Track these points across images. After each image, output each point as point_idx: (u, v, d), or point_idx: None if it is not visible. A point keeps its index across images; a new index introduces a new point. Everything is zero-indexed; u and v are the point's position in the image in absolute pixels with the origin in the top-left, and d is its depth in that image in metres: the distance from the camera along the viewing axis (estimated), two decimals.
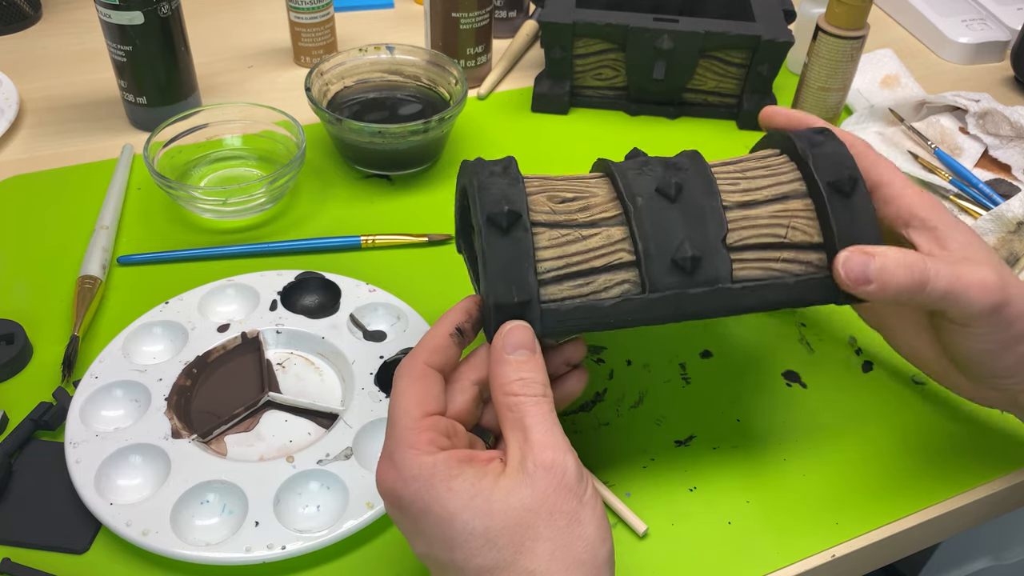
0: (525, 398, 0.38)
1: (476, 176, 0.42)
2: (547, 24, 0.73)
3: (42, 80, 0.80)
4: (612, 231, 0.42)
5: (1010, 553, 0.82)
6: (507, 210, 0.40)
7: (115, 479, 0.46)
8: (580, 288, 0.41)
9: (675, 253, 0.41)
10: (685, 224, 0.42)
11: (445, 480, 0.36)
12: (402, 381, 0.39)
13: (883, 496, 0.49)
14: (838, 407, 0.54)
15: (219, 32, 0.88)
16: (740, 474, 0.50)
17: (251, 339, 0.54)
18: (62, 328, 0.56)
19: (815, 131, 0.45)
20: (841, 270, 0.41)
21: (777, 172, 0.44)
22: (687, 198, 0.42)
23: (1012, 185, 0.72)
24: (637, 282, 0.42)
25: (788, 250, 0.43)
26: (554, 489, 0.35)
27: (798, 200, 0.43)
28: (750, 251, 0.42)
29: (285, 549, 0.43)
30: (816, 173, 0.43)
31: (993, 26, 0.93)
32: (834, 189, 0.42)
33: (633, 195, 0.42)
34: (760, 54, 0.73)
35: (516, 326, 0.40)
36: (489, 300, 0.40)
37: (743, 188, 0.43)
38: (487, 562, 0.35)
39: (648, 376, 0.55)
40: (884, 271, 0.41)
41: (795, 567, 0.46)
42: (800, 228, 0.43)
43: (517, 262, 0.40)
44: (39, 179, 0.68)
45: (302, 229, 0.65)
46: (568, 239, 0.41)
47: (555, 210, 0.42)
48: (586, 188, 0.43)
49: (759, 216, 0.43)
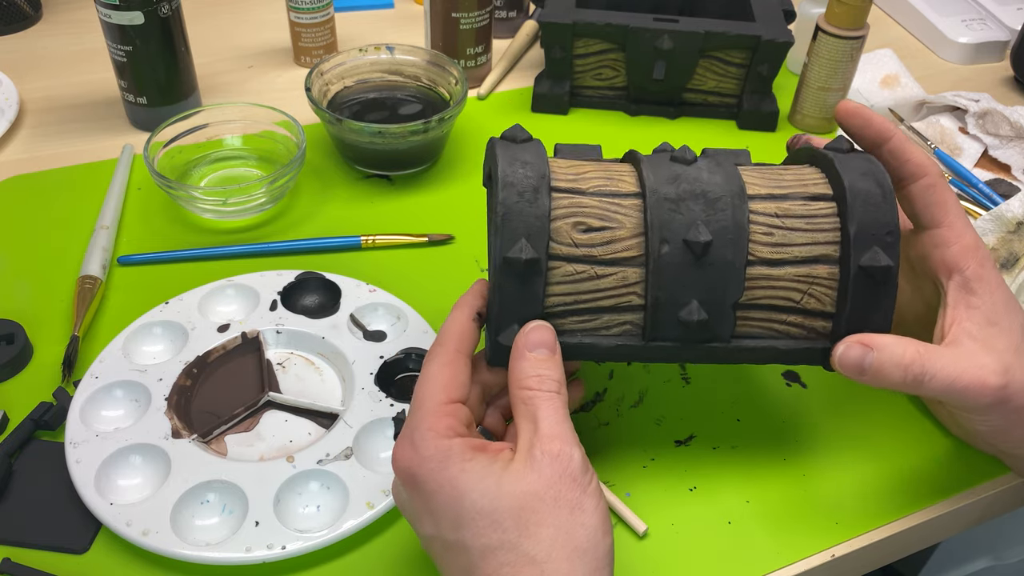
0: (540, 392, 0.39)
1: (503, 196, 0.40)
2: (547, 24, 0.73)
3: (42, 80, 0.80)
4: (628, 272, 0.41)
5: (1010, 553, 0.82)
6: (525, 259, 0.39)
7: (115, 479, 0.46)
8: (583, 323, 0.42)
9: (684, 312, 0.41)
10: (703, 284, 0.41)
11: (459, 462, 0.37)
12: (432, 366, 0.40)
13: (883, 496, 0.49)
14: (838, 407, 0.54)
15: (219, 32, 0.88)
16: (740, 474, 0.50)
17: (251, 339, 0.54)
18: (62, 328, 0.56)
19: (877, 183, 0.41)
20: (838, 361, 0.42)
21: (817, 227, 0.42)
22: (714, 254, 0.40)
23: (1012, 185, 0.72)
24: (639, 326, 0.42)
25: (797, 315, 0.42)
26: (559, 476, 0.36)
27: (825, 266, 0.42)
28: (758, 311, 0.42)
29: (285, 549, 0.43)
30: (853, 249, 0.40)
31: (993, 26, 0.93)
32: (866, 274, 0.41)
33: (661, 239, 0.40)
34: (760, 54, 0.73)
35: (538, 326, 0.40)
36: (491, 334, 0.41)
37: (776, 242, 0.41)
38: (492, 542, 0.36)
39: (648, 376, 0.55)
40: (880, 367, 0.41)
41: (795, 567, 0.46)
42: (817, 296, 0.42)
43: (526, 303, 0.40)
44: (39, 179, 0.68)
45: (302, 229, 0.65)
46: (583, 276, 0.41)
47: (576, 242, 0.40)
48: (616, 212, 0.41)
49: (780, 277, 0.41)
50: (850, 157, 0.43)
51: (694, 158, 0.43)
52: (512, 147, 0.42)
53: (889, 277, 0.41)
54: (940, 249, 0.44)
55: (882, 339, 0.41)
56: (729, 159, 0.45)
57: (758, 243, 0.41)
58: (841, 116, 0.46)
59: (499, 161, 0.41)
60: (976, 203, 0.69)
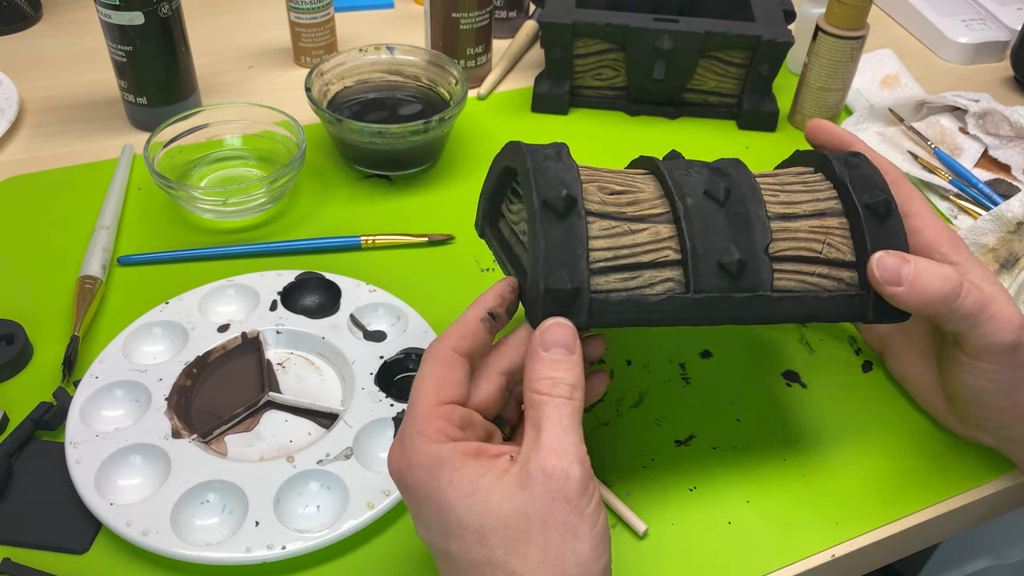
0: (548, 398, 0.37)
1: (531, 158, 0.41)
2: (547, 24, 0.73)
3: (42, 80, 0.80)
4: (660, 228, 0.42)
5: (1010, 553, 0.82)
6: (565, 194, 0.39)
7: (115, 479, 0.46)
8: (627, 282, 0.41)
9: (722, 256, 0.41)
10: (732, 229, 0.42)
11: (448, 472, 0.36)
12: (426, 365, 0.39)
13: (883, 496, 0.49)
14: (838, 407, 0.54)
15: (219, 32, 0.88)
16: (740, 474, 0.50)
17: (251, 339, 0.54)
18: (62, 328, 0.56)
19: (850, 154, 0.46)
20: (875, 268, 0.42)
21: (814, 189, 0.45)
22: (735, 203, 0.43)
23: (1012, 185, 0.72)
24: (682, 281, 0.42)
25: (823, 265, 0.43)
26: (552, 498, 0.35)
27: (834, 218, 0.44)
28: (789, 263, 0.43)
29: (285, 549, 0.43)
30: (854, 194, 0.44)
31: (993, 26, 0.93)
32: (871, 211, 0.43)
33: (683, 194, 0.42)
34: (760, 54, 0.73)
35: (556, 323, 0.39)
36: (540, 284, 0.39)
37: (783, 200, 0.44)
38: (479, 557, 0.35)
39: (648, 376, 0.55)
40: (918, 276, 0.41)
41: (795, 567, 0.46)
42: (835, 245, 0.44)
43: (571, 248, 0.40)
44: (39, 179, 0.68)
45: (302, 229, 0.65)
46: (618, 231, 0.41)
47: (605, 201, 0.42)
48: (633, 183, 0.43)
49: (798, 229, 0.43)
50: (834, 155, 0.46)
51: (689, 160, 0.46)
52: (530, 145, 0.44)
53: (892, 210, 0.43)
54: (914, 236, 0.45)
55: (915, 257, 0.42)
56: None
57: (769, 202, 0.44)
58: (810, 132, 0.50)
59: (518, 145, 0.43)
60: (976, 203, 0.69)
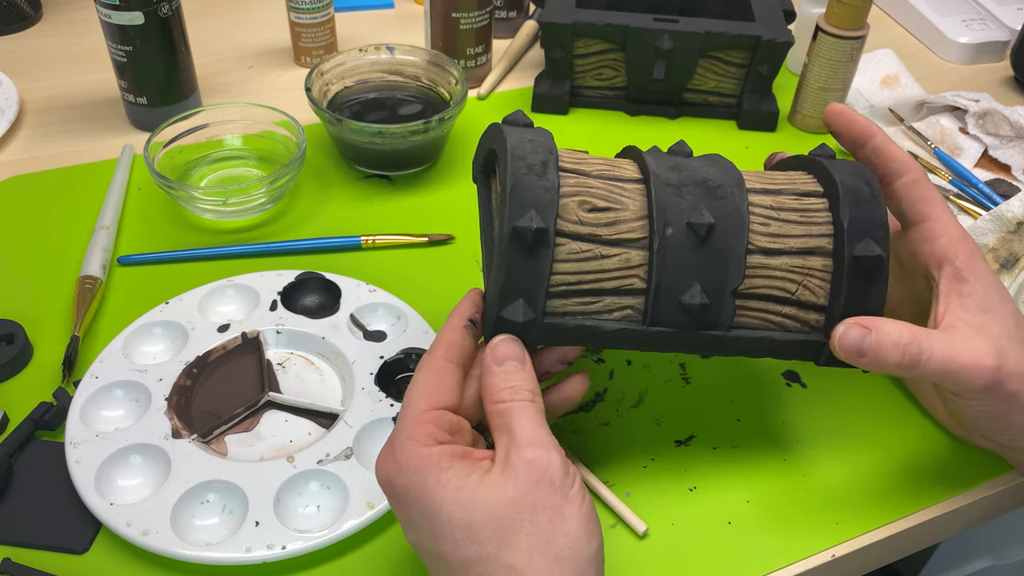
0: (513, 403, 0.38)
1: (512, 168, 0.40)
2: (547, 24, 0.73)
3: (42, 80, 0.80)
4: (632, 255, 0.41)
5: (1010, 553, 0.82)
6: (535, 228, 0.39)
7: (115, 479, 0.46)
8: (585, 306, 0.41)
9: (685, 296, 0.41)
10: (705, 269, 0.41)
11: (436, 472, 0.36)
12: (419, 373, 0.40)
13: (883, 496, 0.49)
14: (838, 407, 0.54)
15: (219, 32, 0.88)
16: (740, 474, 0.50)
17: (251, 339, 0.54)
18: (62, 328, 0.56)
19: (864, 181, 0.43)
20: (837, 343, 0.42)
21: (810, 220, 0.43)
22: (716, 239, 0.41)
23: (1012, 185, 0.72)
24: (640, 310, 0.42)
25: (791, 306, 0.43)
26: (536, 482, 0.36)
27: (819, 259, 0.43)
28: (757, 300, 0.42)
29: (285, 549, 0.43)
30: (847, 242, 0.42)
31: (993, 26, 0.93)
32: (858, 264, 0.42)
33: (664, 222, 0.41)
34: (760, 54, 0.73)
35: (505, 339, 0.40)
36: (494, 312, 0.40)
37: (772, 232, 0.42)
38: (470, 555, 0.35)
39: (648, 376, 0.55)
40: (879, 348, 0.41)
41: (795, 567, 0.46)
42: (811, 288, 0.43)
43: (532, 279, 0.40)
44: (39, 179, 0.68)
45: (302, 229, 0.65)
46: (588, 255, 0.41)
47: (583, 220, 0.41)
48: (620, 195, 0.42)
49: (777, 267, 0.42)
50: (837, 161, 0.45)
51: (690, 152, 0.45)
52: (517, 127, 0.43)
53: (882, 267, 0.42)
54: (929, 243, 0.45)
55: (880, 321, 0.42)
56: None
57: (756, 232, 0.42)
58: (828, 116, 0.48)
59: (507, 136, 0.41)
60: (976, 203, 0.69)
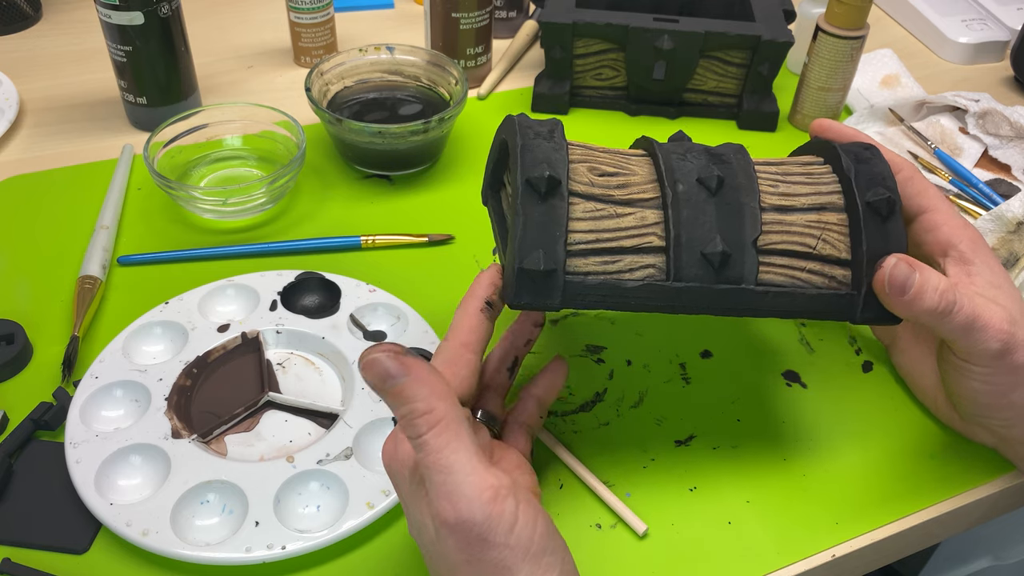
0: (413, 442, 0.35)
1: (521, 135, 0.41)
2: (547, 24, 0.73)
3: (42, 80, 0.80)
4: (647, 213, 0.42)
5: (1010, 553, 0.82)
6: (547, 175, 0.39)
7: (115, 479, 0.46)
8: (606, 265, 0.41)
9: (705, 247, 0.41)
10: (721, 219, 0.42)
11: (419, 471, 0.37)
12: (434, 362, 0.40)
13: (883, 496, 0.49)
14: (838, 407, 0.54)
15: (219, 32, 0.88)
16: (740, 474, 0.50)
17: (251, 339, 0.54)
18: (62, 328, 0.56)
19: (862, 147, 0.45)
20: (888, 274, 0.42)
21: (818, 181, 0.44)
22: (727, 192, 0.42)
23: (1012, 185, 0.72)
24: (663, 268, 0.41)
25: (815, 261, 0.43)
26: (467, 544, 0.35)
27: (834, 213, 0.43)
28: (778, 256, 0.43)
29: (285, 549, 0.43)
30: (856, 190, 0.43)
31: (993, 26, 0.93)
32: (872, 209, 0.42)
33: (674, 180, 0.42)
34: (760, 54, 0.73)
35: (369, 360, 0.34)
36: (515, 263, 0.39)
37: (782, 192, 0.43)
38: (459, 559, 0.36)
39: (648, 376, 0.55)
40: (922, 289, 0.41)
41: (795, 567, 0.46)
42: (831, 242, 0.43)
43: (549, 229, 0.40)
44: (39, 179, 0.68)
45: (302, 229, 0.65)
46: (603, 214, 0.41)
47: (594, 182, 0.42)
48: (627, 164, 0.43)
49: (793, 223, 0.43)
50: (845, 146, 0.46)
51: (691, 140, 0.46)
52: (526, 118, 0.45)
53: (895, 209, 0.43)
54: (932, 232, 0.45)
55: (922, 264, 0.42)
56: None
57: (767, 192, 0.43)
58: (815, 133, 0.49)
59: (514, 119, 0.43)
60: (976, 203, 0.69)
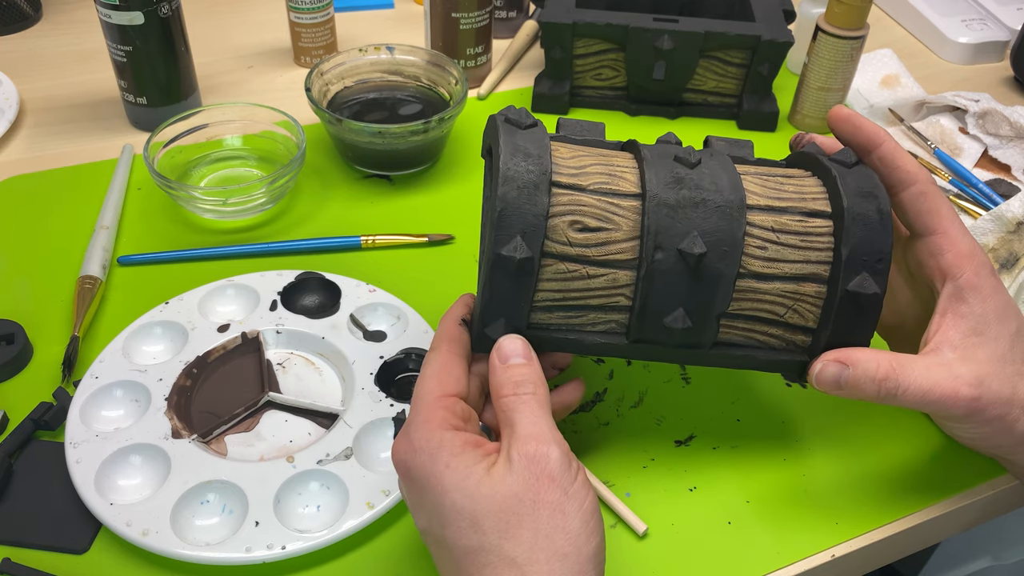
0: (515, 397, 0.39)
1: (504, 191, 0.39)
2: (547, 24, 0.73)
3: (42, 80, 0.80)
4: (620, 275, 0.41)
5: (1010, 553, 0.82)
6: (519, 259, 0.39)
7: (115, 479, 0.46)
8: (569, 319, 0.42)
9: (669, 319, 0.41)
10: (692, 294, 0.41)
11: (447, 456, 0.37)
12: (427, 366, 0.41)
13: (883, 496, 0.49)
14: (838, 407, 0.54)
15: (219, 32, 0.88)
16: (740, 474, 0.50)
17: (251, 339, 0.54)
18: (62, 328, 0.56)
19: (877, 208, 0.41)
20: (814, 379, 0.42)
21: (811, 246, 0.42)
22: (706, 266, 0.40)
23: (1012, 185, 0.72)
24: (624, 324, 0.42)
25: (779, 327, 0.43)
26: (536, 478, 0.36)
27: (814, 285, 0.42)
28: (742, 321, 0.42)
29: (285, 549, 0.43)
30: (843, 274, 0.41)
31: (993, 26, 0.93)
32: (852, 300, 0.41)
33: (656, 245, 0.40)
34: (760, 54, 0.73)
35: (509, 338, 0.41)
36: (477, 327, 0.42)
37: (768, 257, 0.41)
38: (472, 543, 0.36)
39: (648, 376, 0.55)
40: (856, 383, 0.42)
41: (795, 567, 0.46)
42: (801, 312, 0.42)
43: (515, 303, 0.40)
44: (39, 179, 0.68)
45: (302, 229, 0.65)
46: (574, 275, 0.41)
47: (572, 241, 0.40)
48: (614, 213, 0.41)
49: (769, 291, 0.42)
50: (854, 173, 0.43)
51: (698, 160, 0.42)
52: (516, 134, 0.41)
53: (874, 304, 0.41)
54: (935, 257, 0.44)
55: (857, 354, 0.42)
56: (734, 150, 0.46)
57: (751, 256, 0.41)
58: (832, 122, 0.46)
59: (501, 150, 0.40)
60: (976, 203, 0.69)
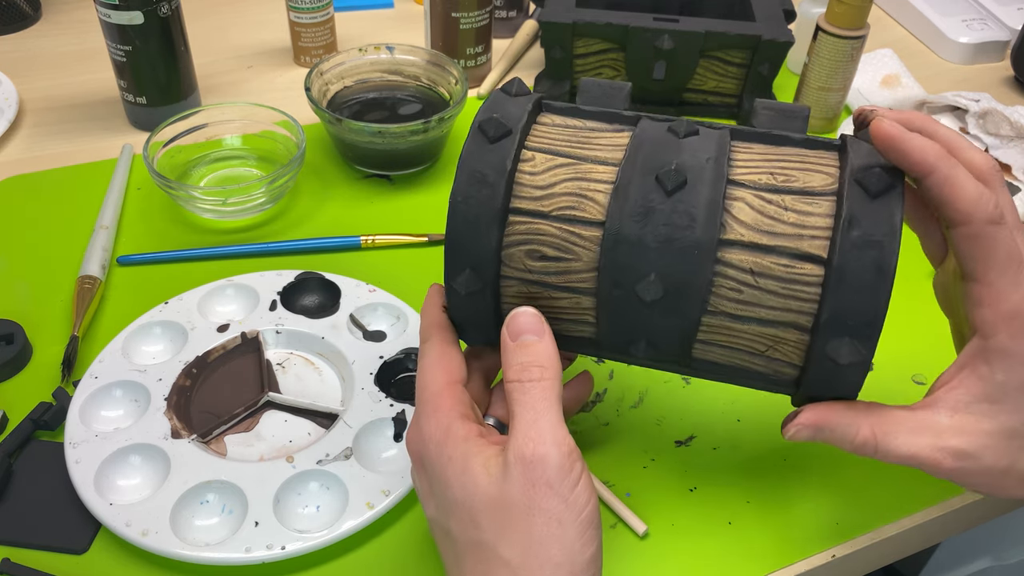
0: (519, 384, 0.37)
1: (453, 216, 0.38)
2: (547, 24, 0.73)
3: (42, 80, 0.80)
4: (583, 299, 0.39)
5: (1010, 553, 0.82)
6: (465, 293, 0.39)
7: (115, 479, 0.46)
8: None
9: (630, 348, 0.40)
10: (652, 328, 0.38)
11: (451, 446, 0.37)
12: (425, 357, 0.41)
13: (883, 496, 0.49)
14: None
15: (219, 32, 0.88)
16: (740, 474, 0.50)
17: (251, 339, 0.54)
18: (62, 328, 0.56)
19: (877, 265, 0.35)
20: (787, 438, 0.40)
21: (794, 295, 0.37)
22: (668, 299, 0.37)
23: (1012, 185, 0.72)
24: (595, 338, 0.41)
25: (761, 359, 0.39)
26: (532, 484, 0.35)
27: (795, 332, 0.37)
28: (718, 348, 0.39)
29: (285, 549, 0.43)
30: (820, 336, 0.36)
31: (993, 26, 0.93)
32: (831, 364, 0.36)
33: (613, 283, 0.38)
34: (760, 54, 0.73)
35: (520, 312, 0.39)
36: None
37: (743, 300, 0.37)
38: (472, 537, 0.36)
39: (648, 376, 0.55)
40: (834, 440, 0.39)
41: (795, 567, 0.46)
42: (783, 351, 0.38)
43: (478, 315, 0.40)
44: (39, 179, 0.68)
45: (302, 229, 0.65)
46: (537, 295, 0.40)
47: (530, 268, 0.39)
48: (574, 243, 0.38)
49: (744, 331, 0.38)
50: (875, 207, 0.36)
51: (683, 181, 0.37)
52: (482, 150, 0.38)
53: (855, 372, 0.37)
54: (976, 306, 0.39)
55: (836, 418, 0.39)
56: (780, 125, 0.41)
57: (723, 298, 0.37)
58: (878, 143, 0.38)
59: (456, 174, 0.38)
60: None
